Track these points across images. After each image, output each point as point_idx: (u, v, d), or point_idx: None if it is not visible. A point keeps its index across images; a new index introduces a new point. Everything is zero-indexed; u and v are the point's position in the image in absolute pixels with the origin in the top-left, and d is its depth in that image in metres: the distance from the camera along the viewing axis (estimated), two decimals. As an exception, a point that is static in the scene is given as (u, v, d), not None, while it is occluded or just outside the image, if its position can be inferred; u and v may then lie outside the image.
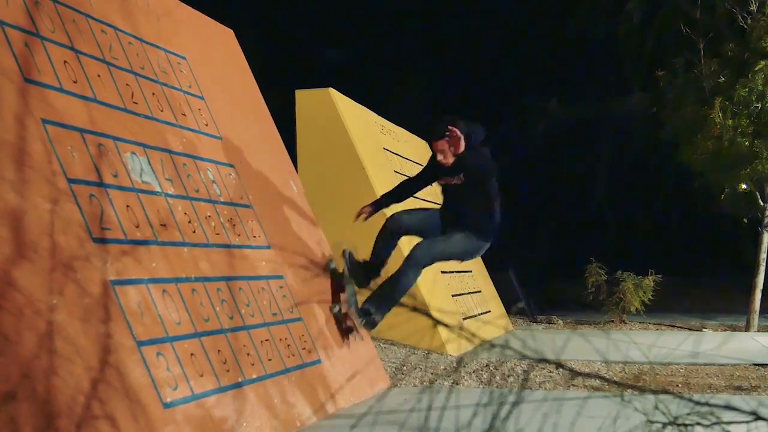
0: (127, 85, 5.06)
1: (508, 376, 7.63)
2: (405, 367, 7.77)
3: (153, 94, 5.32)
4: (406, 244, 6.67)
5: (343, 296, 6.45)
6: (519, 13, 27.43)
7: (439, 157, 6.16)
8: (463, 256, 6.45)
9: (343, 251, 6.42)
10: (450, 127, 5.93)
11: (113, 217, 4.32)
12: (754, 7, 12.49)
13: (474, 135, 6.21)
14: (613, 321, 13.87)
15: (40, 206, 3.86)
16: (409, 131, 12.65)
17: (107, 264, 4.10)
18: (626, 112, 24.55)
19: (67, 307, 3.73)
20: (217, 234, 5.29)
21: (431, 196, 11.82)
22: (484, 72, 29.09)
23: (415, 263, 6.07)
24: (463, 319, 10.24)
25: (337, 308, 6.33)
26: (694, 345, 10.05)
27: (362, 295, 6.32)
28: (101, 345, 3.80)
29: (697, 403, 2.22)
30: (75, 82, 4.54)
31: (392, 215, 6.46)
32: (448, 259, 6.42)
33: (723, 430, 2.21)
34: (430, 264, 6.25)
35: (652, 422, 2.26)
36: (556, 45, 26.68)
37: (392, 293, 6.08)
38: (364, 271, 6.36)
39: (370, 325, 6.16)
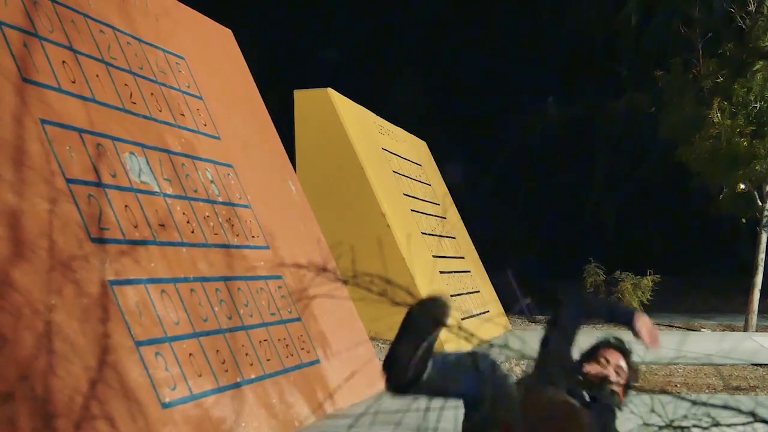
0: (125, 85, 5.06)
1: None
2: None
3: (152, 94, 5.32)
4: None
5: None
6: (517, 12, 27.44)
7: (615, 377, 4.37)
8: None
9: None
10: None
11: (112, 217, 4.32)
12: (752, 7, 12.49)
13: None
14: (611, 321, 13.85)
15: (38, 206, 3.86)
16: (408, 131, 12.65)
17: (106, 264, 4.10)
18: (624, 112, 24.56)
19: (65, 307, 3.73)
20: (216, 234, 5.29)
21: (430, 196, 11.83)
22: (483, 71, 29.09)
23: None
24: (462, 318, 10.24)
25: None
26: (693, 345, 10.05)
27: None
28: (100, 345, 3.80)
29: (695, 403, 2.22)
30: (73, 82, 4.54)
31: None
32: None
33: (721, 431, 2.21)
34: None
35: (648, 425, 2.26)
36: (554, 44, 26.69)
37: None
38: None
39: None
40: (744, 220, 13.44)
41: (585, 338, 4.07)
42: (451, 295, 10.56)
